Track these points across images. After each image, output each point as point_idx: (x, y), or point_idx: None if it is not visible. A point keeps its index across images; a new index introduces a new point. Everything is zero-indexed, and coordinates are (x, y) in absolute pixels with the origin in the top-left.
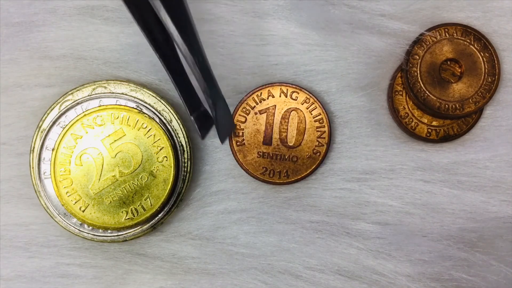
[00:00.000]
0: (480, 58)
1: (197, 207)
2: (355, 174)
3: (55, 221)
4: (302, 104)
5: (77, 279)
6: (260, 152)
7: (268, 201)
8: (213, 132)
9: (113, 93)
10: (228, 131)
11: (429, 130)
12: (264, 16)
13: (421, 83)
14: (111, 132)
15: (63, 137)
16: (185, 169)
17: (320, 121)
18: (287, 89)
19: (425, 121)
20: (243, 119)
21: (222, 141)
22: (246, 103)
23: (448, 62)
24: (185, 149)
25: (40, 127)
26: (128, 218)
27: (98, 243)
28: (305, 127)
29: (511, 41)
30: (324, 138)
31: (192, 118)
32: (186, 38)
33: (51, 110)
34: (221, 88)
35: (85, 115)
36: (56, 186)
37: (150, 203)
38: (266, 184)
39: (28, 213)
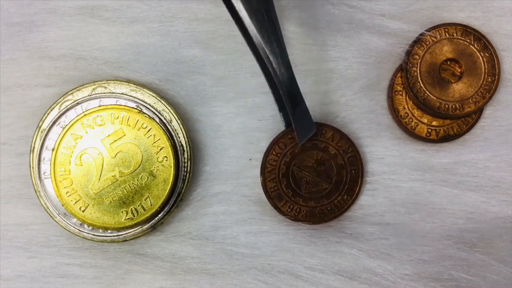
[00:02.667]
0: (480, 58)
1: (197, 207)
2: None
3: (55, 221)
4: None
5: (77, 279)
6: None
7: (268, 201)
8: (213, 133)
9: (113, 93)
10: (307, 133)
11: (429, 130)
12: None
13: (421, 83)
14: (111, 132)
15: (63, 137)
16: (185, 169)
17: None
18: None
19: (425, 121)
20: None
21: (300, 142)
22: None
23: (448, 62)
24: (185, 149)
25: (40, 127)
26: (128, 218)
27: (98, 243)
28: None
29: (511, 41)
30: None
31: (280, 114)
32: (265, 37)
33: (51, 110)
34: (221, 87)
35: (85, 115)
36: (56, 186)
37: (150, 203)
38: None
39: (28, 213)
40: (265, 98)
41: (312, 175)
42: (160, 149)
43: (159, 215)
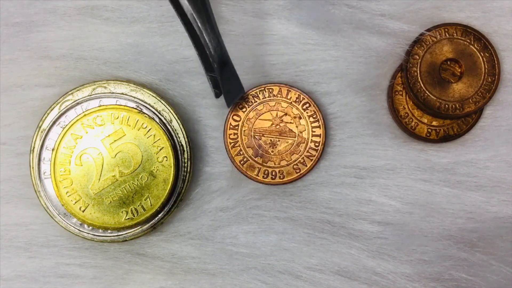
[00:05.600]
0: (480, 58)
1: (196, 207)
2: (355, 174)
3: (55, 221)
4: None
5: (77, 279)
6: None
7: (268, 201)
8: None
9: (113, 93)
10: (235, 95)
11: (429, 130)
12: (264, 16)
13: (421, 83)
14: (111, 132)
15: (63, 137)
16: (185, 169)
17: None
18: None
19: (425, 121)
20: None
21: (228, 105)
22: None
23: (448, 62)
24: (185, 149)
25: (40, 127)
26: (128, 218)
27: (98, 243)
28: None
29: (511, 41)
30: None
31: (207, 76)
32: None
33: (51, 110)
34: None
35: (85, 115)
36: (56, 186)
37: (150, 203)
38: (265, 185)
39: (28, 213)
40: None
41: (274, 135)
42: (160, 149)
43: (159, 215)
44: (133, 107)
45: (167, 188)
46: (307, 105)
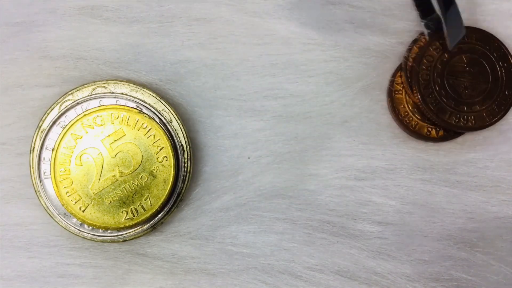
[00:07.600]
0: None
1: (196, 207)
2: (355, 173)
3: (55, 221)
4: None
5: (77, 279)
6: None
7: (267, 203)
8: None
9: (113, 93)
10: (458, 36)
11: (429, 129)
12: (264, 16)
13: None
14: (111, 132)
15: (63, 137)
16: (185, 169)
17: None
18: None
19: (425, 120)
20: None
21: (450, 46)
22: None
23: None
24: (185, 149)
25: (40, 127)
26: (128, 218)
27: (98, 243)
28: None
29: (511, 42)
30: None
31: (423, 23)
32: None
33: (51, 110)
34: (221, 88)
35: (85, 115)
36: (56, 186)
37: (150, 203)
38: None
39: (28, 213)
40: (265, 99)
41: (468, 78)
42: (160, 149)
43: (159, 215)
44: (133, 107)
45: (167, 188)
46: (502, 53)
